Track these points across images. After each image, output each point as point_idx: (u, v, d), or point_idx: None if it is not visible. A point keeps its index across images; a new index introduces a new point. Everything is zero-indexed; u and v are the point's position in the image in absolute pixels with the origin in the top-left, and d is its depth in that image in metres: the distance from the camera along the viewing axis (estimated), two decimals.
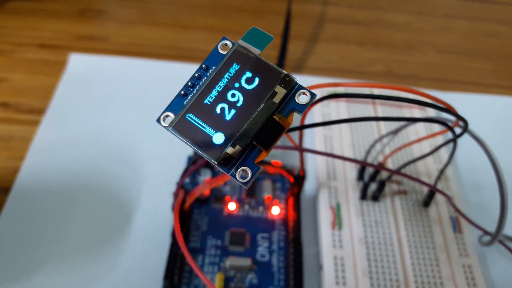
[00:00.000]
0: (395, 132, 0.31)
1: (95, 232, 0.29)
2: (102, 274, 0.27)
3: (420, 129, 0.36)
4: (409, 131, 0.35)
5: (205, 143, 0.16)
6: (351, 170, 0.33)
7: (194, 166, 0.25)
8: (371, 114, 0.37)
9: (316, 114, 0.37)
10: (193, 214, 0.30)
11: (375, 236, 0.29)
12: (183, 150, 0.33)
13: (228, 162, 0.16)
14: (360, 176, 0.32)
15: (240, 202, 0.31)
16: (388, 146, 0.34)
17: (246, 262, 0.28)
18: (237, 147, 0.16)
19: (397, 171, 0.29)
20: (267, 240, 0.30)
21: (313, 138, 0.36)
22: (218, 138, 0.17)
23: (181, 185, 0.26)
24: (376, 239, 0.29)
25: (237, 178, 0.16)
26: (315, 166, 0.34)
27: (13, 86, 0.37)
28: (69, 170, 0.32)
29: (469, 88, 0.42)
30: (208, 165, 0.32)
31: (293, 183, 0.30)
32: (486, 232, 0.30)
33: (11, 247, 0.28)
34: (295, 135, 0.28)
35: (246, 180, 0.16)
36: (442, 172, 0.29)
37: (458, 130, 0.24)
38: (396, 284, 0.27)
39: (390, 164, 0.33)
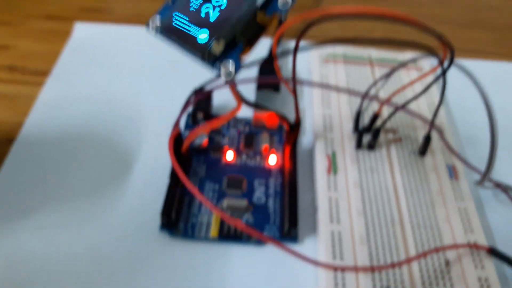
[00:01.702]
0: (388, 74, 0.31)
1: (95, 178, 0.30)
2: (101, 214, 0.28)
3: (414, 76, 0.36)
4: (403, 79, 0.36)
5: (191, 42, 0.17)
6: (347, 123, 0.33)
7: (190, 102, 0.26)
8: (369, 75, 0.38)
9: (314, 74, 0.38)
10: (192, 162, 0.31)
11: (370, 181, 0.30)
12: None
13: (214, 58, 0.17)
14: (356, 128, 0.33)
15: (238, 152, 0.32)
16: (382, 91, 0.35)
17: (243, 203, 0.28)
18: (221, 41, 0.17)
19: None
20: (264, 186, 0.30)
21: (311, 98, 0.36)
22: (203, 36, 0.17)
23: (178, 121, 0.26)
24: (371, 184, 0.30)
25: (222, 72, 0.17)
26: (312, 121, 0.34)
27: (20, 52, 0.39)
28: (71, 124, 0.33)
29: (469, 56, 0.43)
30: (206, 115, 0.33)
31: (289, 131, 0.30)
32: (482, 176, 0.30)
33: (13, 190, 0.29)
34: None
35: (230, 73, 0.17)
36: (437, 109, 0.29)
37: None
38: (391, 224, 0.28)
39: (386, 112, 0.33)
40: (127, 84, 0.37)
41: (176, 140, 0.27)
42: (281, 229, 0.28)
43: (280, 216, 0.28)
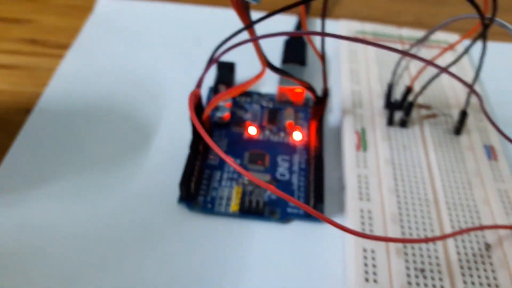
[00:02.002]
0: (422, 40, 0.29)
1: (113, 150, 0.29)
2: (119, 185, 0.27)
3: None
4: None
5: None
6: (378, 99, 0.32)
7: (214, 60, 0.24)
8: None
9: (342, 51, 0.36)
10: (213, 137, 0.30)
11: (402, 158, 0.28)
12: (205, 82, 0.32)
13: None
14: (387, 104, 0.31)
15: (260, 128, 0.30)
16: (413, 66, 0.33)
17: (265, 177, 0.27)
18: None
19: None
20: (288, 162, 0.28)
21: (339, 74, 0.34)
22: None
23: (201, 79, 0.25)
24: (404, 161, 0.28)
25: None
26: (340, 97, 0.33)
27: (42, 26, 0.38)
28: (90, 96, 0.32)
29: (503, 39, 0.40)
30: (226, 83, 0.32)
31: (316, 102, 0.28)
32: None
33: (30, 158, 0.28)
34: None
35: None
36: (478, 72, 0.27)
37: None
38: (426, 204, 0.26)
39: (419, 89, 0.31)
40: (149, 59, 0.36)
41: (197, 108, 0.26)
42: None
43: (305, 193, 0.27)
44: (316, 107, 0.29)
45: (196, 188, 0.26)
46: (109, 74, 0.34)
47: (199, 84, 0.25)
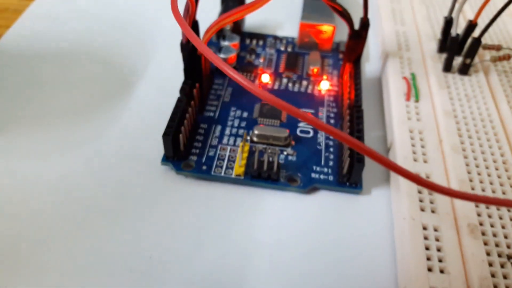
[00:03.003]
0: None
1: (86, 98, 0.22)
2: (90, 139, 0.20)
3: None
4: None
5: None
6: (429, 42, 0.24)
7: None
8: None
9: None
10: (214, 84, 0.23)
11: (467, 111, 0.20)
12: (208, 19, 0.25)
13: None
14: (442, 48, 0.23)
15: (276, 75, 0.23)
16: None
17: (282, 132, 0.20)
18: None
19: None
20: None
21: (379, 14, 0.27)
22: None
23: None
24: (469, 114, 0.20)
25: None
26: (381, 39, 0.25)
27: None
28: (62, 39, 0.26)
29: None
30: (236, 27, 0.25)
31: (352, 36, 0.21)
32: None
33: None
34: None
35: None
36: None
37: None
38: (503, 166, 0.18)
39: (482, 23, 0.24)
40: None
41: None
42: (338, 172, 0.19)
43: (337, 155, 0.20)
44: (352, 43, 0.21)
45: (188, 145, 0.19)
46: (87, 14, 0.27)
47: None
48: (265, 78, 0.23)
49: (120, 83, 0.23)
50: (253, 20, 0.27)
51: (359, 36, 0.21)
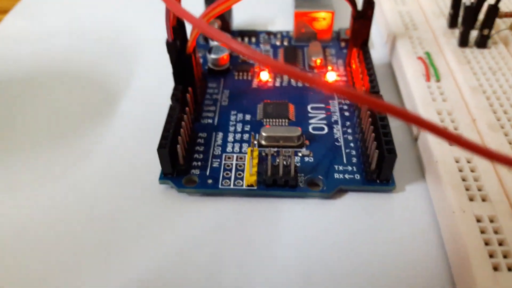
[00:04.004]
0: None
1: (75, 116, 0.20)
2: (83, 158, 0.17)
3: None
4: None
5: None
6: (437, 18, 0.22)
7: None
8: None
9: None
10: (208, 88, 0.20)
11: (495, 84, 0.18)
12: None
13: None
14: (454, 22, 0.21)
15: (275, 72, 0.21)
16: None
17: (294, 131, 0.17)
18: None
19: None
20: (324, 111, 0.19)
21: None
22: None
23: None
24: (498, 87, 0.18)
25: None
26: (384, 23, 0.23)
27: None
28: (35, 60, 0.23)
29: None
30: (224, 24, 0.22)
31: (356, 18, 0.19)
32: None
33: None
34: None
35: None
36: None
37: None
38: None
39: None
40: (117, 10, 0.27)
41: (176, 34, 0.17)
42: (366, 169, 0.16)
43: (359, 150, 0.17)
44: (357, 26, 0.19)
45: (187, 157, 0.17)
46: (61, 33, 0.25)
47: None
48: (264, 76, 0.21)
49: (103, 100, 0.20)
50: (241, 17, 0.25)
51: (364, 16, 0.19)
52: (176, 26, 0.17)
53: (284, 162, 0.16)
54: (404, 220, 0.15)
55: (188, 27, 0.17)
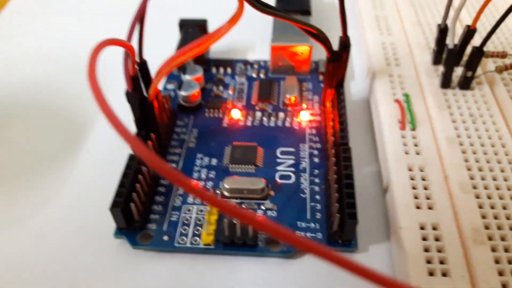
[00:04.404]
0: None
1: (36, 157, 0.19)
2: (42, 204, 0.17)
3: None
4: None
5: None
6: (422, 53, 0.21)
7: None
8: None
9: None
10: (176, 126, 0.20)
11: (474, 134, 0.17)
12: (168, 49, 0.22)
13: None
14: (438, 59, 0.20)
15: (248, 108, 0.20)
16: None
17: (258, 183, 0.17)
18: None
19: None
20: (293, 157, 0.18)
21: (361, 22, 0.24)
22: None
23: (131, 29, 0.15)
24: (477, 138, 0.17)
25: None
26: (365, 55, 0.22)
27: None
28: (6, 86, 0.22)
29: None
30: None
31: (331, 59, 0.18)
32: None
33: None
34: None
35: None
36: None
37: None
38: None
39: (481, 28, 0.21)
40: (88, 33, 0.26)
41: (136, 82, 0.16)
42: (328, 229, 0.16)
43: (324, 204, 0.16)
44: (332, 67, 0.18)
45: (145, 210, 0.16)
46: (32, 56, 0.24)
47: (129, 36, 0.15)
48: (236, 114, 0.20)
49: (68, 137, 0.20)
50: (219, 43, 0.24)
51: (339, 59, 0.18)
52: (136, 76, 0.16)
53: None
54: (364, 285, 0.15)
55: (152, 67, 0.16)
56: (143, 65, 0.17)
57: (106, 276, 0.15)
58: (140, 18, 0.15)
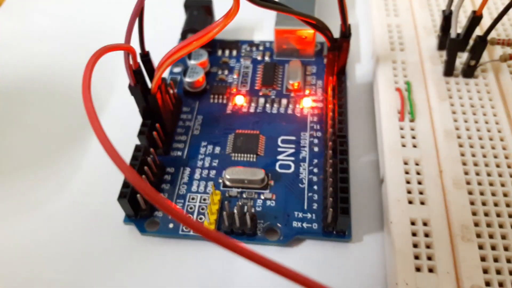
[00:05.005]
0: None
1: (47, 142, 0.20)
2: (56, 191, 0.18)
3: None
4: None
5: None
6: (428, 37, 0.21)
7: None
8: None
9: None
10: (180, 112, 0.20)
11: (473, 127, 0.18)
12: (173, 33, 0.23)
13: None
14: (443, 44, 0.20)
15: (252, 95, 0.21)
16: None
17: (257, 174, 0.17)
18: None
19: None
20: (294, 145, 0.19)
21: (366, 5, 0.24)
22: None
23: (129, 30, 0.15)
24: (475, 131, 0.17)
25: None
26: (371, 37, 0.22)
27: None
28: (20, 69, 0.23)
29: None
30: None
31: (331, 48, 0.18)
32: None
33: None
34: None
35: None
36: None
37: None
38: None
39: (487, 16, 0.21)
40: (104, 12, 0.26)
41: (139, 75, 0.16)
42: (324, 220, 0.16)
43: (321, 195, 0.17)
44: (332, 55, 0.18)
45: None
46: (47, 36, 0.25)
47: (128, 37, 0.15)
48: (240, 100, 0.20)
49: (80, 123, 0.21)
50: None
51: (339, 47, 0.18)
52: (138, 69, 0.16)
53: (245, 209, 0.16)
54: (359, 272, 0.16)
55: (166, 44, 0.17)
56: (146, 56, 0.17)
57: (118, 261, 0.16)
58: (138, 14, 0.15)
